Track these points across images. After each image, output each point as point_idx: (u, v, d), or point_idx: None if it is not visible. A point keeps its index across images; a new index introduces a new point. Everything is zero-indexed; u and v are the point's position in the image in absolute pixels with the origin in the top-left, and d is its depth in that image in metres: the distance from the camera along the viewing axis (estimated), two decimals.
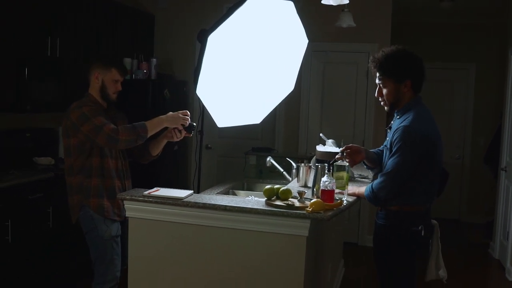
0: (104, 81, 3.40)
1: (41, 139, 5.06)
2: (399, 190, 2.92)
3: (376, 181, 2.98)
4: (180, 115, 3.37)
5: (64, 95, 4.91)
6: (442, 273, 3.18)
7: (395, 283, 3.10)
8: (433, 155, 2.92)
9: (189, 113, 3.41)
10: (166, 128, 3.45)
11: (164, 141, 3.58)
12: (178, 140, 3.52)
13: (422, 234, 2.98)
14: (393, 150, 2.90)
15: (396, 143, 2.88)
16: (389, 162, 2.93)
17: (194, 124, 3.49)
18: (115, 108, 3.60)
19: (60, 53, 4.80)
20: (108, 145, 3.25)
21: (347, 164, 3.10)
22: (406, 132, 2.86)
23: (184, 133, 3.46)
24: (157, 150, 3.62)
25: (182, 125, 3.40)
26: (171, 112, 3.40)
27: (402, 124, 2.90)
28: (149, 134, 3.33)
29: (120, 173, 3.47)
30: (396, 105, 3.03)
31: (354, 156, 3.16)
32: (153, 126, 3.34)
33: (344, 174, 3.07)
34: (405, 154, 2.85)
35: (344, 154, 3.13)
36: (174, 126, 3.40)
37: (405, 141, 2.85)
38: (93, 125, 3.20)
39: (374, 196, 2.97)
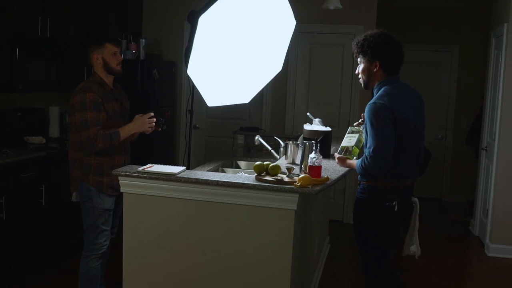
0: (104, 58, 3.53)
1: (32, 118, 5.11)
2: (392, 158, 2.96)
3: (366, 160, 2.99)
4: (146, 120, 3.56)
5: (54, 75, 4.97)
6: (414, 248, 3.30)
7: (371, 256, 3.23)
8: (400, 131, 2.97)
9: (152, 113, 3.61)
10: None
11: (136, 134, 3.73)
12: (150, 133, 3.70)
13: (395, 209, 3.07)
14: (367, 129, 3.01)
15: (367, 122, 3.00)
16: (369, 141, 2.99)
17: (161, 119, 3.69)
18: (120, 87, 3.75)
19: (50, 33, 4.83)
20: (84, 144, 3.39)
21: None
22: (370, 108, 2.99)
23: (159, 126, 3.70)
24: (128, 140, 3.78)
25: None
26: (137, 116, 3.59)
27: (369, 103, 3.03)
28: (124, 136, 3.50)
29: (122, 149, 3.61)
30: (369, 84, 3.18)
31: None
32: (125, 134, 3.51)
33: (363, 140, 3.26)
34: (378, 126, 2.94)
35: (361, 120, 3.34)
36: (141, 131, 3.61)
37: (372, 116, 2.96)
38: (84, 118, 3.35)
39: (365, 173, 3.04)
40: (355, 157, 3.26)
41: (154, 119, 3.60)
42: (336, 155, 3.34)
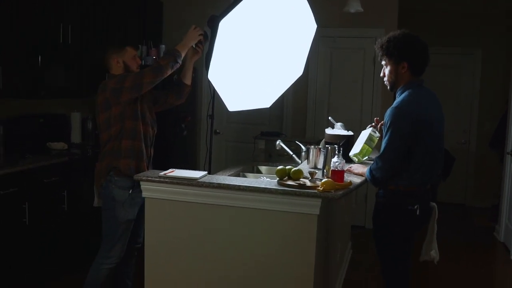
0: (125, 61, 3.58)
1: (54, 124, 5.16)
2: (395, 170, 3.01)
3: (372, 163, 3.10)
4: (193, 30, 3.58)
5: (76, 81, 5.01)
6: (434, 253, 3.28)
7: (391, 260, 3.21)
8: (423, 136, 2.97)
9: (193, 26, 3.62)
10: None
11: (192, 64, 3.76)
12: (202, 51, 3.69)
13: (417, 213, 3.05)
14: (384, 132, 3.02)
15: (386, 124, 3.00)
16: (382, 144, 3.04)
17: (205, 31, 3.63)
18: None
19: (72, 40, 4.88)
20: (156, 76, 3.39)
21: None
22: (392, 113, 2.97)
23: (203, 42, 3.67)
24: (189, 77, 3.83)
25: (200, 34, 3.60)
26: (184, 36, 3.60)
27: (391, 106, 3.01)
28: (183, 53, 3.54)
29: (147, 140, 3.59)
30: (395, 86, 3.14)
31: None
32: (183, 49, 3.54)
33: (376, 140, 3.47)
34: (393, 135, 2.95)
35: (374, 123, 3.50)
36: (197, 40, 3.60)
37: (392, 122, 2.95)
38: (133, 75, 3.42)
39: (372, 178, 3.11)
40: (366, 157, 3.29)
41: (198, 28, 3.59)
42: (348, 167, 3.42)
